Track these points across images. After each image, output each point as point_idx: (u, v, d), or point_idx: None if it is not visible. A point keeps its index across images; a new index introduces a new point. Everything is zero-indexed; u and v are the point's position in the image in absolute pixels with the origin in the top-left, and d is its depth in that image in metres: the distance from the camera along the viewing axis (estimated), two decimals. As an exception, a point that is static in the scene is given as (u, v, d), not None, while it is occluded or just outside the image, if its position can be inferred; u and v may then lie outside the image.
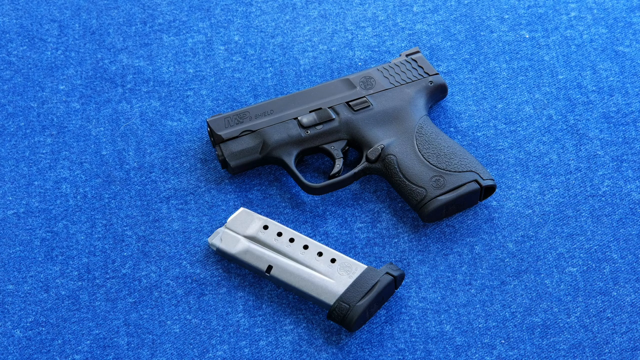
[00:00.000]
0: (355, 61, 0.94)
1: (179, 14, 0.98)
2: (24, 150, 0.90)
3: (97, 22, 0.97)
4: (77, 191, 0.88)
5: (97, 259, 0.84)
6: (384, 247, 0.84)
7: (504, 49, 0.94)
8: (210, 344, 0.80)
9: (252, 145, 0.86)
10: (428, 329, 0.80)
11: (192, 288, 0.83)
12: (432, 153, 0.84)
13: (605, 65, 0.93)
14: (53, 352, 0.80)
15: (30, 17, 0.98)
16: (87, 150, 0.90)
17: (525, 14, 0.96)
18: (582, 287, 0.81)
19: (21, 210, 0.87)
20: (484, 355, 0.79)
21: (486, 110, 0.91)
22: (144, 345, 0.80)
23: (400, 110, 0.87)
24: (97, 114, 0.92)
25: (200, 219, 0.86)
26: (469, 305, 0.81)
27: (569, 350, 0.79)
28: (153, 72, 0.94)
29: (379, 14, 0.97)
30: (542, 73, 0.93)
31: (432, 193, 0.82)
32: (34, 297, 0.83)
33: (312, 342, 0.80)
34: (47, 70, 0.94)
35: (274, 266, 0.81)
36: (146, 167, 0.89)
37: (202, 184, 0.87)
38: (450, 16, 0.96)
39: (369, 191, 0.87)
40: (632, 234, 0.83)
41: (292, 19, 0.97)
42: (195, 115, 0.91)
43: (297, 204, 0.86)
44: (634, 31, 0.95)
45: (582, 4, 0.96)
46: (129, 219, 0.86)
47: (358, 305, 0.78)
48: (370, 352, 0.79)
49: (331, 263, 0.80)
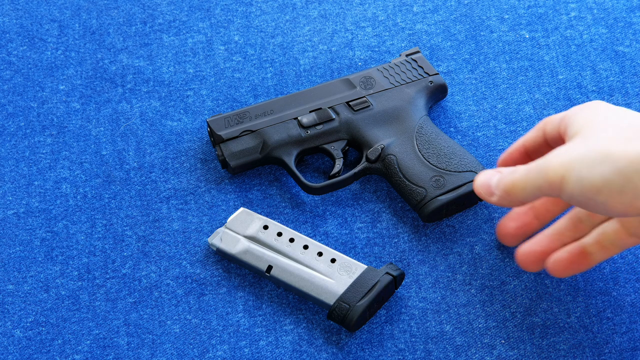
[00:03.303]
0: (355, 61, 0.94)
1: (179, 14, 0.98)
2: (24, 150, 0.90)
3: (97, 22, 0.97)
4: (77, 191, 0.88)
5: (97, 259, 0.84)
6: (384, 247, 0.84)
7: (504, 49, 0.94)
8: (210, 344, 0.80)
9: (252, 145, 0.86)
10: (428, 329, 0.80)
11: (192, 288, 0.83)
12: (432, 153, 0.84)
13: (605, 65, 0.93)
14: (53, 352, 0.80)
15: (30, 17, 0.98)
16: (87, 150, 0.90)
17: (525, 14, 0.96)
18: (582, 287, 0.81)
19: (21, 210, 0.87)
20: (484, 355, 0.79)
21: (486, 110, 0.91)
22: (144, 345, 0.80)
23: (400, 110, 0.87)
24: (97, 114, 0.92)
25: (200, 219, 0.86)
26: (469, 305, 0.81)
27: (569, 350, 0.79)
28: (153, 72, 0.94)
29: (379, 14, 0.97)
30: (542, 73, 0.93)
31: (432, 193, 0.82)
32: (34, 297, 0.83)
33: (312, 342, 0.80)
34: (47, 70, 0.94)
35: (274, 266, 0.81)
36: (146, 167, 0.89)
37: (202, 184, 0.87)
38: (450, 16, 0.96)
39: (369, 191, 0.87)
40: (632, 234, 0.84)
41: (292, 19, 0.97)
42: (195, 115, 0.91)
43: (297, 204, 0.86)
44: (634, 31, 0.95)
45: (582, 4, 0.96)
46: (129, 219, 0.86)
47: (358, 305, 0.78)
48: (370, 352, 0.79)
49: (331, 263, 0.80)
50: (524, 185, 0.71)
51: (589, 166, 0.67)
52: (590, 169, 0.66)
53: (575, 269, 0.76)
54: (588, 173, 0.66)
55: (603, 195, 0.66)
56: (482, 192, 0.75)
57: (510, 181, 0.72)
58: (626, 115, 0.71)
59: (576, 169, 0.67)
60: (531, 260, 0.77)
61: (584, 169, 0.67)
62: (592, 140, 0.68)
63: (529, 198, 0.72)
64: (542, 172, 0.69)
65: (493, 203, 0.75)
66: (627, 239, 0.75)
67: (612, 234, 0.75)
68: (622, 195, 0.66)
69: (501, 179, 0.73)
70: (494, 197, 0.74)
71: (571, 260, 0.76)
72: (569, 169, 0.68)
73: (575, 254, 0.76)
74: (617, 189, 0.65)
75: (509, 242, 0.80)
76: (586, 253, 0.76)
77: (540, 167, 0.70)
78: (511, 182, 0.72)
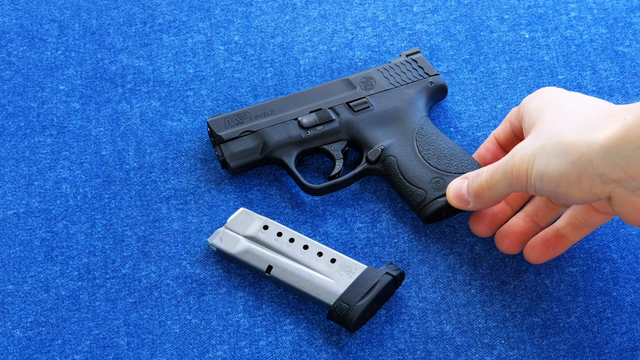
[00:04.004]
0: (355, 61, 0.94)
1: (179, 14, 0.98)
2: (24, 150, 0.90)
3: (97, 22, 0.97)
4: (77, 191, 0.88)
5: (97, 259, 0.84)
6: (384, 247, 0.84)
7: (504, 49, 0.94)
8: (210, 344, 0.80)
9: (253, 145, 0.86)
10: (428, 329, 0.80)
11: (192, 288, 0.83)
12: (433, 154, 0.84)
13: (605, 65, 0.93)
14: (53, 352, 0.80)
15: (30, 17, 0.98)
16: (87, 150, 0.90)
17: (525, 14, 0.96)
18: (582, 287, 0.81)
19: (21, 210, 0.87)
20: (484, 355, 0.79)
21: (486, 110, 0.91)
22: (144, 345, 0.80)
23: (400, 111, 0.87)
24: (97, 114, 0.92)
25: (200, 219, 0.86)
26: (469, 305, 0.81)
27: (569, 350, 0.79)
28: (153, 72, 0.94)
29: (379, 14, 0.97)
30: (542, 73, 0.93)
31: (432, 195, 0.82)
32: (34, 297, 0.83)
33: (312, 342, 0.80)
34: (47, 70, 0.94)
35: (274, 266, 0.81)
36: (146, 167, 0.89)
37: (202, 184, 0.87)
38: (450, 16, 0.96)
39: (369, 191, 0.87)
40: (632, 234, 0.83)
41: (292, 19, 0.97)
42: (195, 115, 0.91)
43: (297, 204, 0.86)
44: (634, 31, 0.95)
45: (582, 4, 0.96)
46: (129, 219, 0.86)
47: (358, 306, 0.78)
48: (370, 352, 0.79)
49: (331, 263, 0.80)
50: (491, 186, 0.74)
51: (546, 160, 0.69)
52: (547, 163, 0.69)
53: (551, 252, 0.79)
54: (545, 167, 0.69)
55: (562, 186, 0.68)
56: (458, 203, 0.79)
57: (478, 185, 0.75)
58: (579, 101, 0.73)
59: (535, 164, 0.69)
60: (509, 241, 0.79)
61: (542, 163, 0.69)
62: (546, 133, 0.70)
63: (500, 197, 0.75)
64: (506, 171, 0.72)
65: (470, 210, 0.78)
66: (597, 216, 0.77)
67: (582, 214, 0.78)
68: (580, 184, 0.68)
69: (470, 184, 0.77)
70: (470, 205, 0.78)
71: (547, 245, 0.78)
72: (530, 164, 0.70)
73: (549, 239, 0.78)
74: (574, 180, 0.67)
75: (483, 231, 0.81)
76: (560, 235, 0.78)
77: (504, 167, 0.73)
78: (480, 186, 0.75)
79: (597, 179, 0.67)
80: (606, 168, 0.66)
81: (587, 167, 0.66)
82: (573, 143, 0.67)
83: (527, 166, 0.70)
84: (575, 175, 0.67)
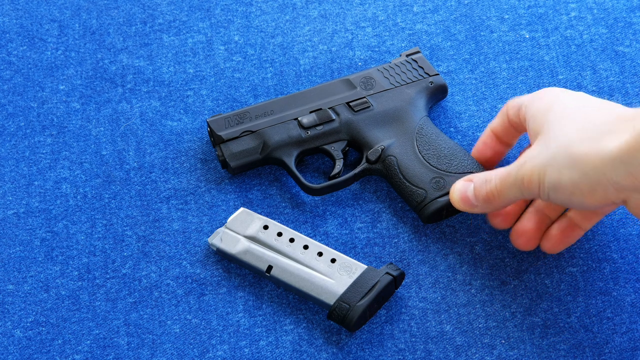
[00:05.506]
0: (355, 61, 0.94)
1: (179, 14, 0.98)
2: (24, 150, 0.90)
3: (97, 22, 0.97)
4: (77, 191, 0.88)
5: (97, 259, 0.84)
6: (384, 247, 0.84)
7: (504, 49, 0.94)
8: (210, 344, 0.80)
9: (253, 145, 0.86)
10: (428, 329, 0.80)
11: (192, 288, 0.83)
12: (433, 154, 0.84)
13: (605, 65, 0.93)
14: (53, 352, 0.80)
15: (30, 17, 0.98)
16: (87, 150, 0.90)
17: (525, 14, 0.96)
18: (582, 287, 0.81)
19: (21, 210, 0.87)
20: (484, 355, 0.79)
21: (486, 110, 0.91)
22: (144, 345, 0.80)
23: (400, 111, 0.87)
24: (97, 114, 0.92)
25: (200, 219, 0.86)
26: (469, 305, 0.81)
27: (569, 350, 0.79)
28: (153, 72, 0.94)
29: (379, 14, 0.97)
30: (542, 73, 0.93)
31: (432, 194, 0.82)
32: (34, 297, 0.83)
33: (312, 342, 0.80)
34: (47, 70, 0.94)
35: (274, 266, 0.81)
36: (146, 167, 0.89)
37: (202, 184, 0.87)
38: (450, 16, 0.96)
39: (369, 191, 0.87)
40: (632, 234, 0.84)
41: (292, 19, 0.97)
42: (195, 115, 0.91)
43: (297, 204, 0.86)
44: (634, 31, 0.95)
45: (582, 4, 0.96)
46: (129, 219, 0.86)
47: (358, 305, 0.78)
48: (370, 352, 0.79)
49: (331, 263, 0.80)
50: (502, 193, 0.75)
51: (558, 172, 0.69)
52: (560, 175, 0.69)
53: (566, 242, 0.80)
54: (559, 179, 0.69)
55: (577, 196, 0.69)
56: (464, 206, 0.79)
57: (488, 191, 0.76)
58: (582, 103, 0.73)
59: (547, 175, 0.70)
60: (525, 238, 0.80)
61: (554, 175, 0.70)
62: (555, 142, 0.71)
63: (511, 202, 0.76)
64: (517, 179, 0.73)
65: (475, 212, 0.79)
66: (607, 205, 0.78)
67: None
68: (593, 193, 0.68)
69: (479, 190, 0.77)
70: (476, 208, 0.78)
71: (563, 235, 0.79)
72: (541, 175, 0.71)
73: (565, 228, 0.79)
74: (588, 190, 0.68)
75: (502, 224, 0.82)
76: (574, 224, 0.80)
77: (515, 175, 0.73)
78: (489, 192, 0.76)
79: (611, 187, 0.67)
80: (619, 177, 0.66)
81: (600, 178, 0.67)
82: (584, 155, 0.68)
83: (539, 177, 0.71)
84: (589, 185, 0.68)
